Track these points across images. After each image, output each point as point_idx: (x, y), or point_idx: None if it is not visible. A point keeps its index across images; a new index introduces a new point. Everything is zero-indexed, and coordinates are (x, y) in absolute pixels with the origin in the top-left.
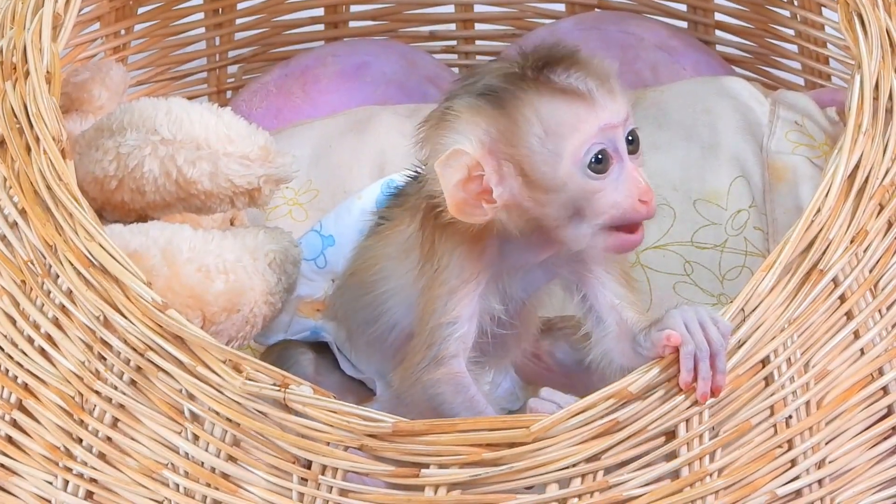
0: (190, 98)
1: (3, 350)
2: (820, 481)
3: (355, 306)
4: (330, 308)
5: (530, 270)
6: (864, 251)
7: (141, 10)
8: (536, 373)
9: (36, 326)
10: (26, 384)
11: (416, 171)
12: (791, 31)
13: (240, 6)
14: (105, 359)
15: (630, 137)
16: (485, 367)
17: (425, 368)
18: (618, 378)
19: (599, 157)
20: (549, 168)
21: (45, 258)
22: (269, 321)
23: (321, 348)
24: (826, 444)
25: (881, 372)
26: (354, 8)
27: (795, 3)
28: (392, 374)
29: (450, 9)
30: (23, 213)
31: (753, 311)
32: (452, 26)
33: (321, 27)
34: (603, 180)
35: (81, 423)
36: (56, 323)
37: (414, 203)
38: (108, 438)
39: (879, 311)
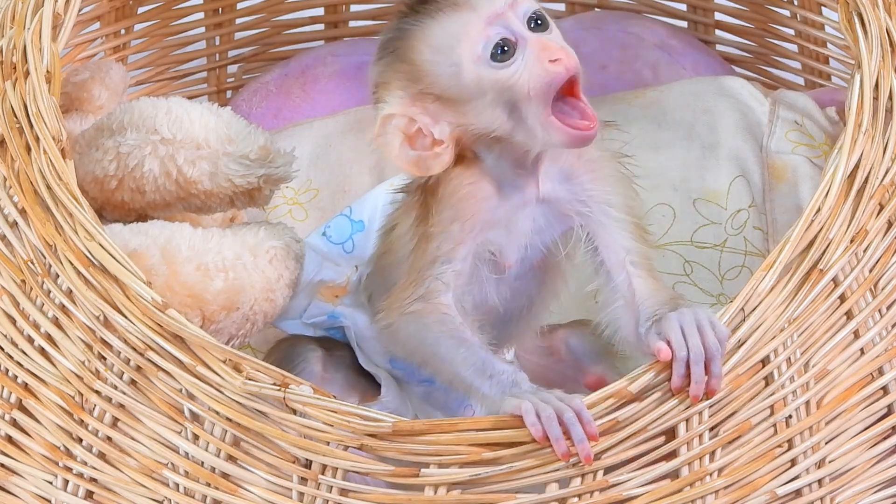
0: (190, 98)
1: (3, 350)
2: (820, 481)
3: (382, 285)
4: (355, 294)
5: (538, 213)
6: (864, 251)
7: (141, 10)
8: (544, 369)
9: (36, 326)
10: (26, 384)
11: None
12: (791, 31)
13: (240, 6)
14: (105, 358)
15: (537, 20)
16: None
17: (412, 301)
18: (623, 346)
19: (502, 47)
20: (456, 80)
21: (45, 258)
22: (271, 318)
23: (331, 345)
24: (826, 443)
25: (881, 371)
26: (354, 7)
27: (795, 2)
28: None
29: None
30: (23, 212)
31: (753, 310)
32: None
33: (321, 27)
34: (512, 65)
35: (81, 422)
36: (56, 322)
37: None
38: (109, 438)
39: (879, 310)
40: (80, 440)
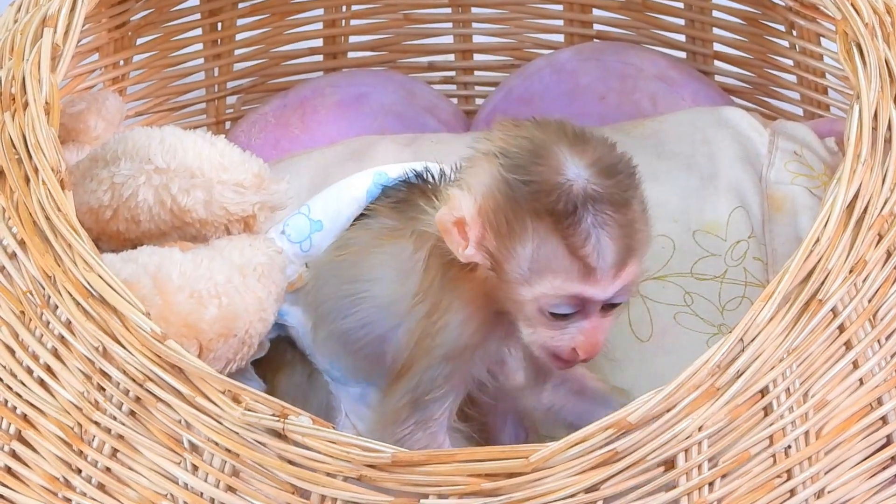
0: (189, 128)
1: (2, 381)
2: None
3: (329, 294)
4: (301, 292)
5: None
6: (863, 281)
7: (140, 41)
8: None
9: (35, 357)
10: (25, 415)
11: (417, 177)
12: (790, 62)
13: (238, 37)
14: (104, 389)
15: (613, 304)
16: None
17: (410, 431)
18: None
19: (565, 313)
20: (517, 286)
21: (43, 289)
22: (263, 336)
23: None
24: (825, 473)
25: (880, 402)
26: (353, 38)
27: (794, 33)
28: (375, 415)
29: (448, 39)
30: (21, 243)
31: (753, 340)
32: (451, 57)
33: (320, 58)
34: (556, 323)
35: (80, 453)
36: (55, 353)
37: (417, 219)
38: (108, 469)
39: (878, 340)
40: (80, 471)
